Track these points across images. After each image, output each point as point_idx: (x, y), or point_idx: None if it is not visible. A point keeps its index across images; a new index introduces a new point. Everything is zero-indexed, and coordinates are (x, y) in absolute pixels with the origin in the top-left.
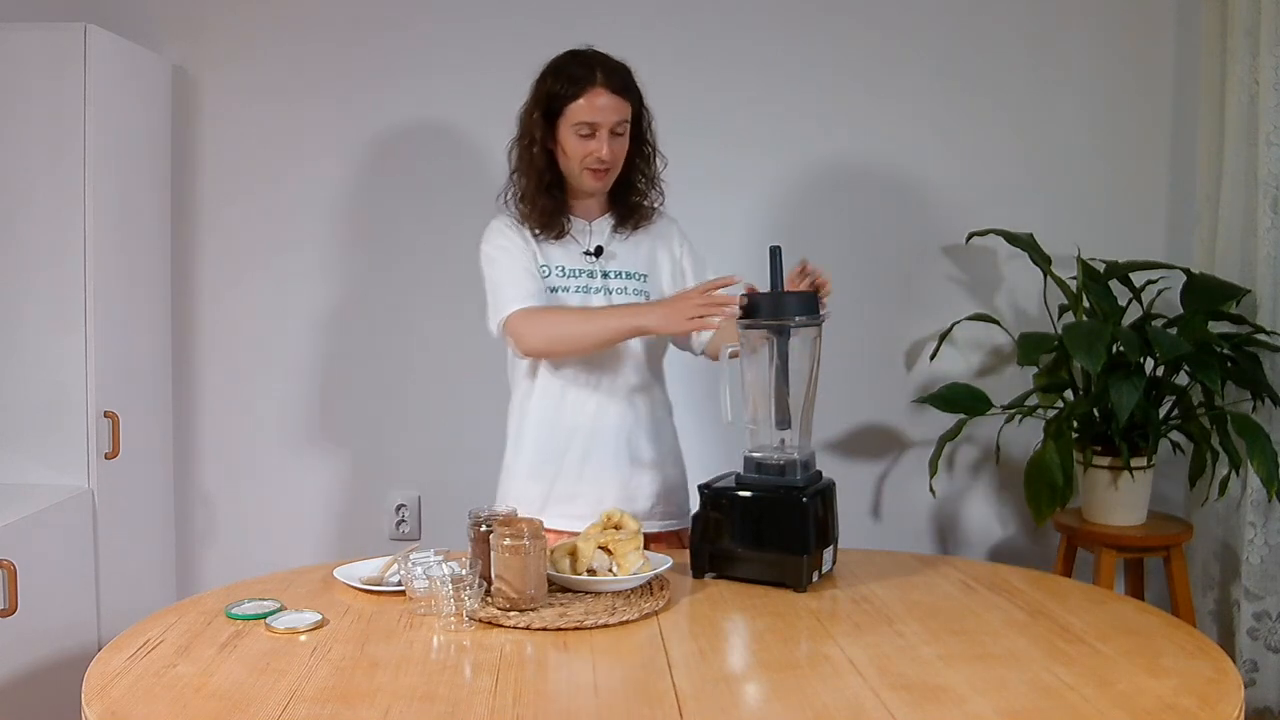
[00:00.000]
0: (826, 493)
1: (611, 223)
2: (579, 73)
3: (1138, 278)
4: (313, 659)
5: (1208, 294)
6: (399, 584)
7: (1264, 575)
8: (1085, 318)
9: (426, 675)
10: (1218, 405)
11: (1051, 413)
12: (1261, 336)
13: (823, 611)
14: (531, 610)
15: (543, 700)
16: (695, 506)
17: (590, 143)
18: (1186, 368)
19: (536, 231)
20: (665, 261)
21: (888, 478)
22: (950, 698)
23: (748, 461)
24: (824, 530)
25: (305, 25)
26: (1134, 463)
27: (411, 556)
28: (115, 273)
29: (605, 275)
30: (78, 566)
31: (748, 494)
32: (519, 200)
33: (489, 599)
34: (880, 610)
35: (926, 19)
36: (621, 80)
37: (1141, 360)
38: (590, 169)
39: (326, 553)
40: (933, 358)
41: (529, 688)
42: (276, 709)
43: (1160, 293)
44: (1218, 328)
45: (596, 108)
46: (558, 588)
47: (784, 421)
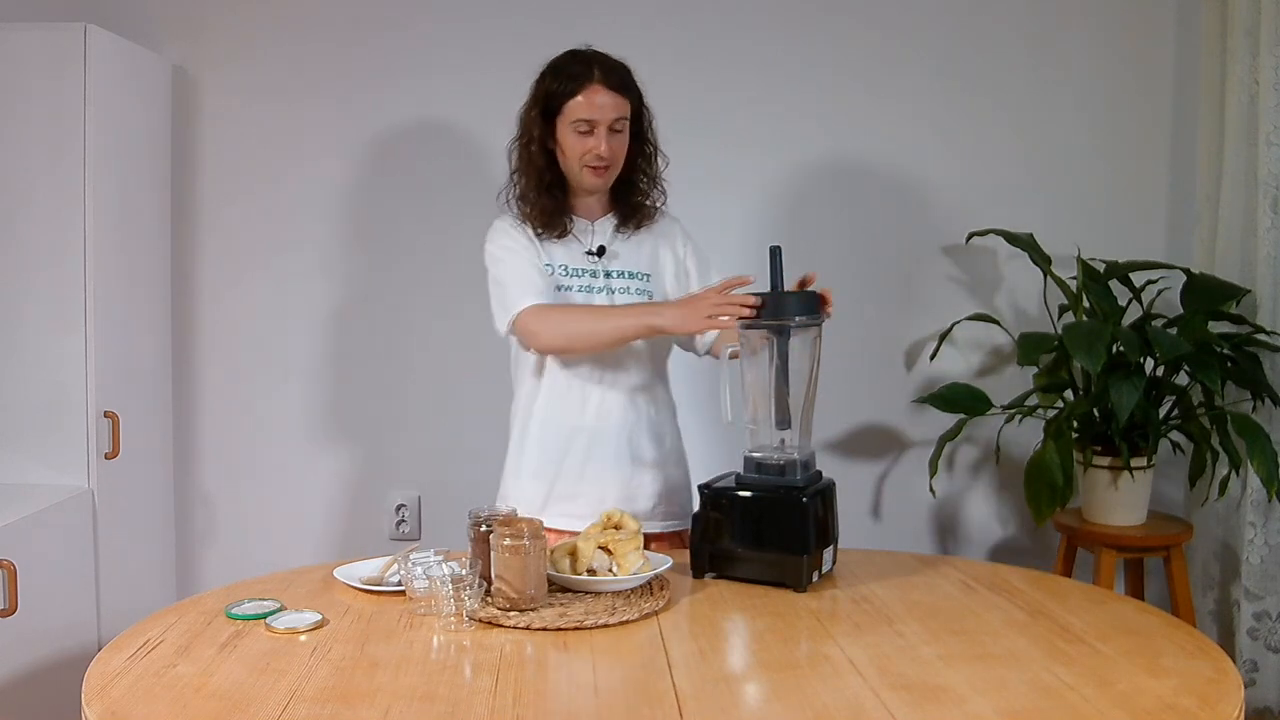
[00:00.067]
0: (826, 493)
1: (614, 222)
2: (577, 70)
3: (1138, 278)
4: (313, 659)
5: (1208, 294)
6: (399, 584)
7: (1264, 575)
8: (1085, 318)
9: (426, 675)
10: (1218, 405)
11: (1051, 413)
12: (1261, 336)
13: (823, 611)
14: (531, 610)
15: (543, 700)
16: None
17: (589, 140)
18: (1186, 368)
19: (539, 231)
20: (668, 261)
21: (888, 478)
22: (950, 698)
23: (748, 461)
24: (824, 530)
25: (305, 25)
26: (1134, 463)
27: (411, 556)
28: (115, 273)
29: (608, 275)
30: (78, 566)
31: (748, 494)
32: (519, 200)
33: (489, 599)
34: (880, 610)
35: (926, 19)
36: (620, 77)
37: (1141, 360)
38: (590, 166)
39: (326, 553)
40: (933, 358)
41: (529, 688)
42: (276, 709)
43: (1160, 293)
44: (1218, 328)
45: (594, 104)
46: (558, 588)
47: (784, 421)
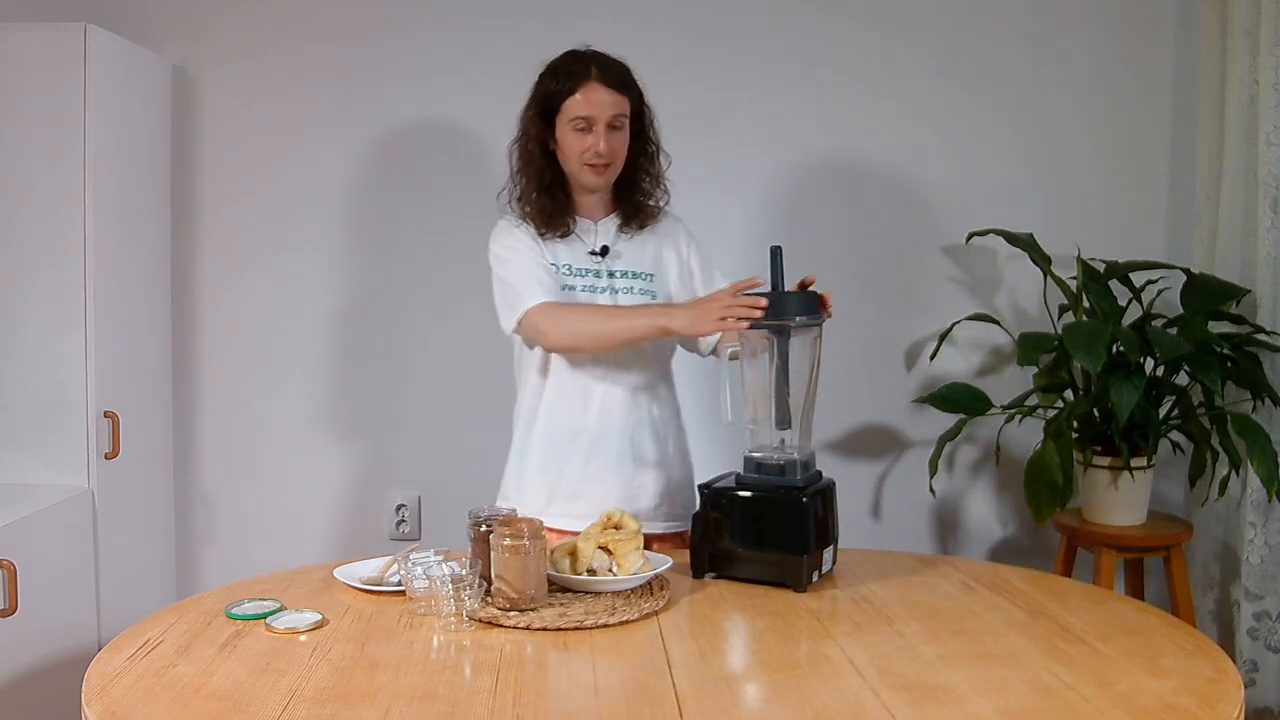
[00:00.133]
0: (826, 493)
1: (617, 222)
2: (575, 69)
3: (1138, 278)
4: (313, 659)
5: (1208, 294)
6: (399, 584)
7: (1264, 575)
8: (1085, 318)
9: (426, 675)
10: (1218, 405)
11: (1051, 413)
12: (1261, 336)
13: (823, 611)
14: (531, 610)
15: (543, 700)
16: None
17: (587, 137)
18: (1186, 368)
19: (542, 231)
20: (672, 261)
21: (888, 478)
22: (950, 698)
23: (748, 461)
24: (824, 530)
25: (305, 25)
26: (1134, 463)
27: (411, 556)
28: (115, 273)
29: (611, 275)
30: (78, 566)
31: (748, 494)
32: (519, 200)
33: (489, 599)
34: (880, 610)
35: (926, 19)
36: (618, 75)
37: (1141, 360)
38: (589, 164)
39: (326, 553)
40: (933, 358)
41: (529, 688)
42: (276, 709)
43: (1160, 293)
44: (1218, 328)
45: (592, 102)
46: (558, 588)
47: (784, 421)
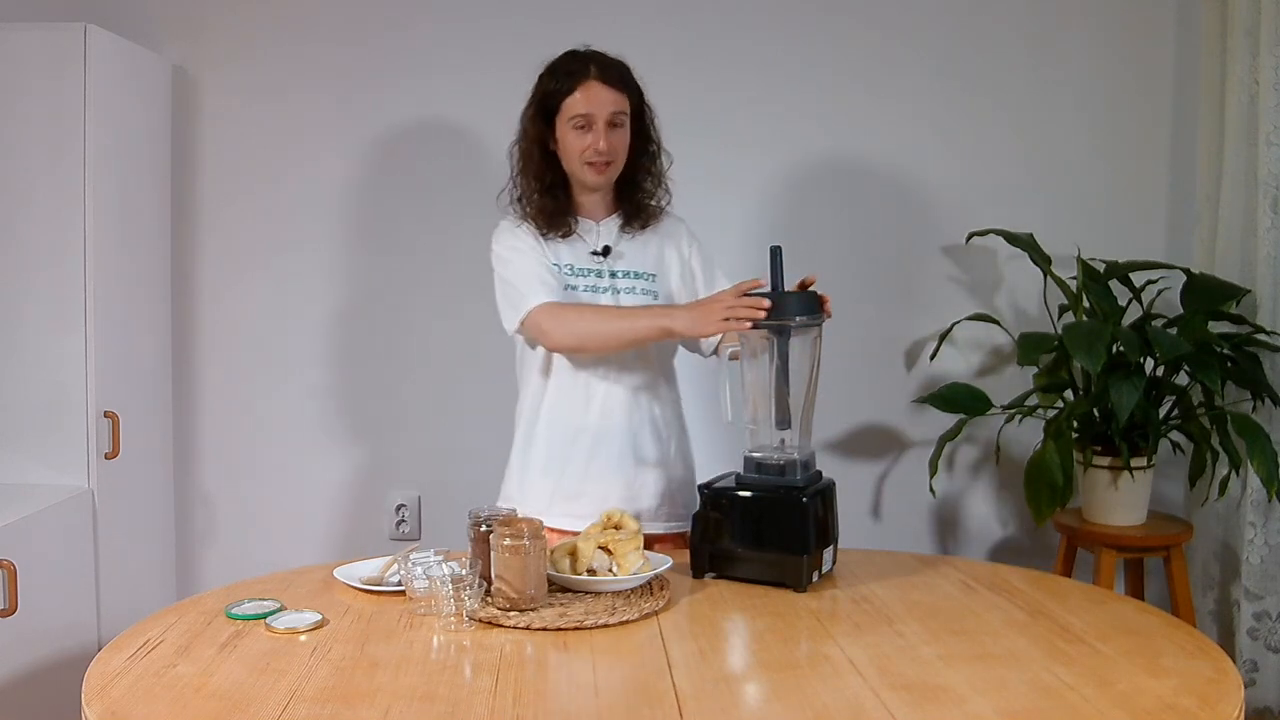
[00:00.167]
0: (826, 493)
1: (619, 222)
2: (574, 68)
3: (1138, 278)
4: (313, 659)
5: (1208, 294)
6: (399, 584)
7: (1264, 575)
8: (1085, 318)
9: (426, 675)
10: (1218, 405)
11: (1051, 413)
12: (1261, 336)
13: (823, 611)
14: (531, 610)
15: (543, 700)
16: None
17: (587, 136)
18: (1186, 368)
19: (544, 231)
20: (674, 261)
21: (888, 478)
22: (950, 698)
23: (748, 461)
24: (824, 530)
25: (305, 25)
26: (1134, 463)
27: (411, 556)
28: (115, 273)
29: (613, 275)
30: (78, 566)
31: (748, 494)
32: (520, 201)
33: (489, 599)
34: (880, 610)
35: (926, 19)
36: (617, 74)
37: (1141, 360)
38: (590, 163)
39: (326, 553)
40: (933, 358)
41: (529, 688)
42: (276, 709)
43: (1160, 293)
44: (1218, 328)
45: (591, 99)
46: (558, 588)
47: (784, 421)
